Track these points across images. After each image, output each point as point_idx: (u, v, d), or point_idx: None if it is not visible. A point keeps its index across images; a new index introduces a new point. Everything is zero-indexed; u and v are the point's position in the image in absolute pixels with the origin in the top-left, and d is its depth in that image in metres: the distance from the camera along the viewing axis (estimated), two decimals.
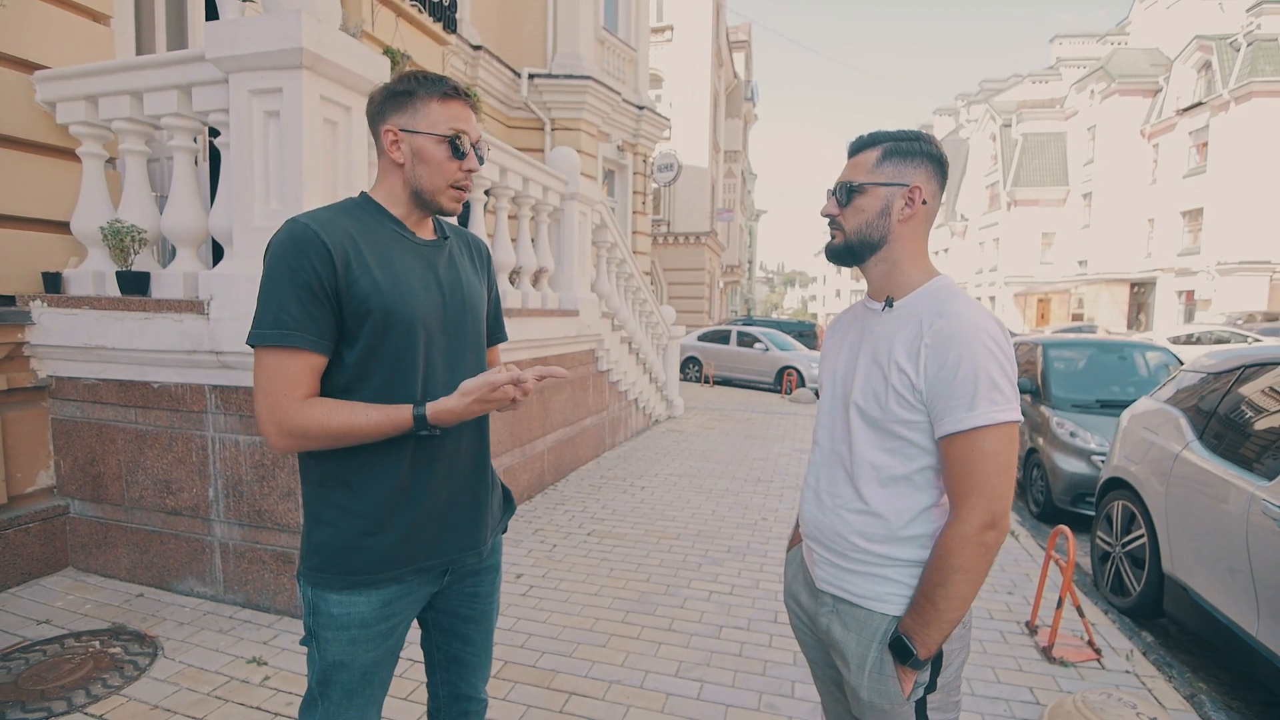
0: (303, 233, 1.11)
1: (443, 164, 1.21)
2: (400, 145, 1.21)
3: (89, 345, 3.08)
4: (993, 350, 1.09)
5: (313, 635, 1.22)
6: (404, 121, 1.20)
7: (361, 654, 1.22)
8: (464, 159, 1.22)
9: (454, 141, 1.20)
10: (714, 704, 2.44)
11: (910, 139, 1.20)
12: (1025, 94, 36.50)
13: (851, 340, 1.30)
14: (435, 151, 1.20)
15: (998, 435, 1.08)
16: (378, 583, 1.20)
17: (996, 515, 1.09)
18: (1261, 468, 2.69)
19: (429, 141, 1.19)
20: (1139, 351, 6.14)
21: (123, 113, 3.10)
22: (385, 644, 1.25)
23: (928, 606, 1.13)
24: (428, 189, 1.22)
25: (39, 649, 2.60)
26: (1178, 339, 15.45)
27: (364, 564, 1.19)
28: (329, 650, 1.21)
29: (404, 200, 1.25)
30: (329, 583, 1.19)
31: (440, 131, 1.19)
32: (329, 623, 1.20)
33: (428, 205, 1.25)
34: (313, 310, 1.10)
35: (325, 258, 1.10)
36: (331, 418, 1.10)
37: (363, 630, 1.21)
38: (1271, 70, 21.96)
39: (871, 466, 1.20)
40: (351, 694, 1.23)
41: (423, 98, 1.20)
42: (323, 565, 1.19)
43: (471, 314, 1.32)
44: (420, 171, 1.21)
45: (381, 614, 1.22)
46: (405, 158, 1.21)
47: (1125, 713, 2.10)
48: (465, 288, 1.32)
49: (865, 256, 1.24)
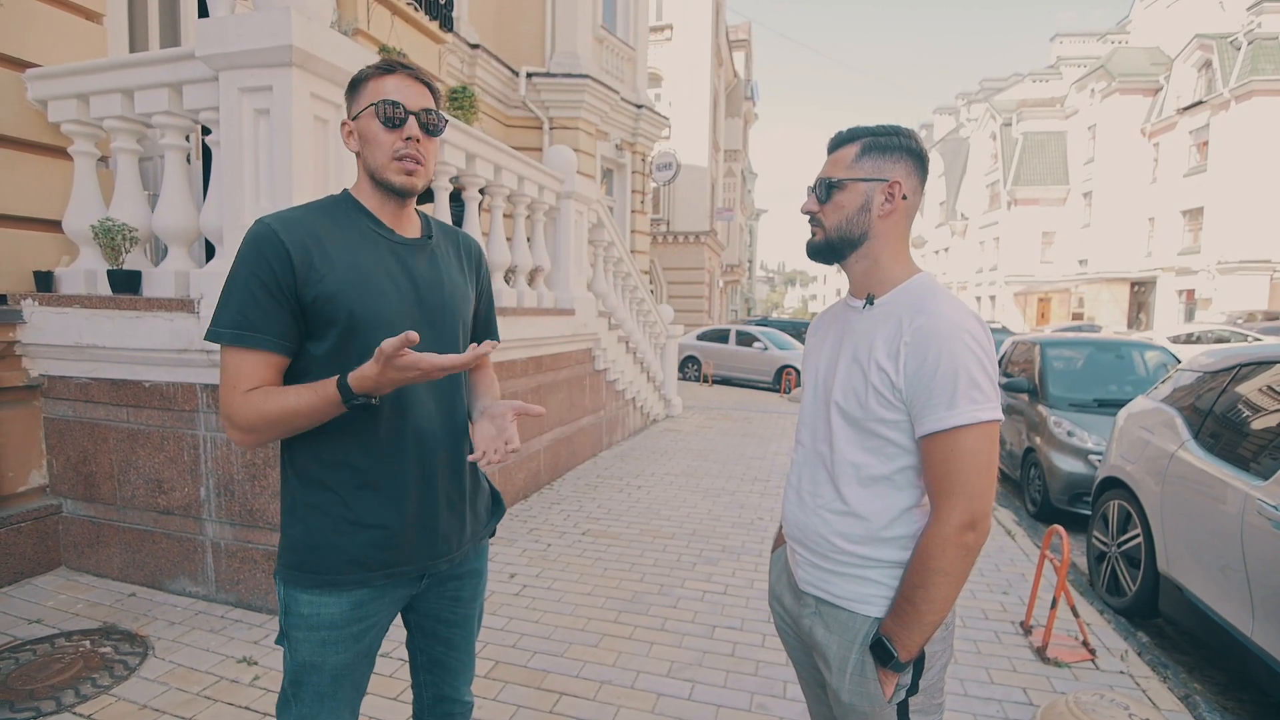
0: (264, 232, 1.11)
1: (378, 136, 1.17)
2: (353, 134, 1.20)
3: (80, 344, 3.08)
4: (972, 348, 1.07)
5: (284, 634, 1.21)
6: (353, 109, 1.20)
7: (332, 656, 1.20)
8: (399, 127, 1.17)
9: (381, 111, 1.16)
10: (705, 704, 2.43)
11: (889, 134, 1.18)
12: (1025, 93, 36.45)
13: (833, 339, 1.29)
14: (370, 126, 1.18)
15: (978, 434, 1.07)
16: (345, 584, 1.19)
17: (977, 516, 1.07)
18: (1257, 467, 2.67)
19: (365, 118, 1.18)
20: (1137, 351, 6.13)
21: (114, 111, 3.09)
22: (356, 647, 1.23)
23: (908, 608, 1.12)
24: (374, 168, 1.20)
25: (29, 648, 2.60)
26: (1178, 338, 15.42)
27: (334, 564, 1.18)
28: (299, 650, 1.20)
29: (370, 190, 1.23)
30: (299, 581, 1.18)
31: (370, 104, 1.17)
32: (299, 623, 1.19)
33: (382, 186, 1.21)
34: (269, 309, 1.10)
35: (283, 257, 1.10)
36: (266, 403, 1.09)
37: (333, 632, 1.19)
38: (1272, 69, 21.90)
39: (852, 466, 1.19)
40: (323, 697, 1.22)
41: (366, 81, 1.19)
42: (294, 563, 1.19)
43: (451, 314, 1.29)
44: (366, 152, 1.20)
45: (352, 616, 1.21)
46: (357, 144, 1.21)
47: (1118, 714, 2.09)
48: (447, 287, 1.29)
49: (846, 253, 1.23)
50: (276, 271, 1.10)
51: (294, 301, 1.12)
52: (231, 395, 1.10)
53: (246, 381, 1.10)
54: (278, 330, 1.11)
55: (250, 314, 1.09)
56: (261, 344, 1.10)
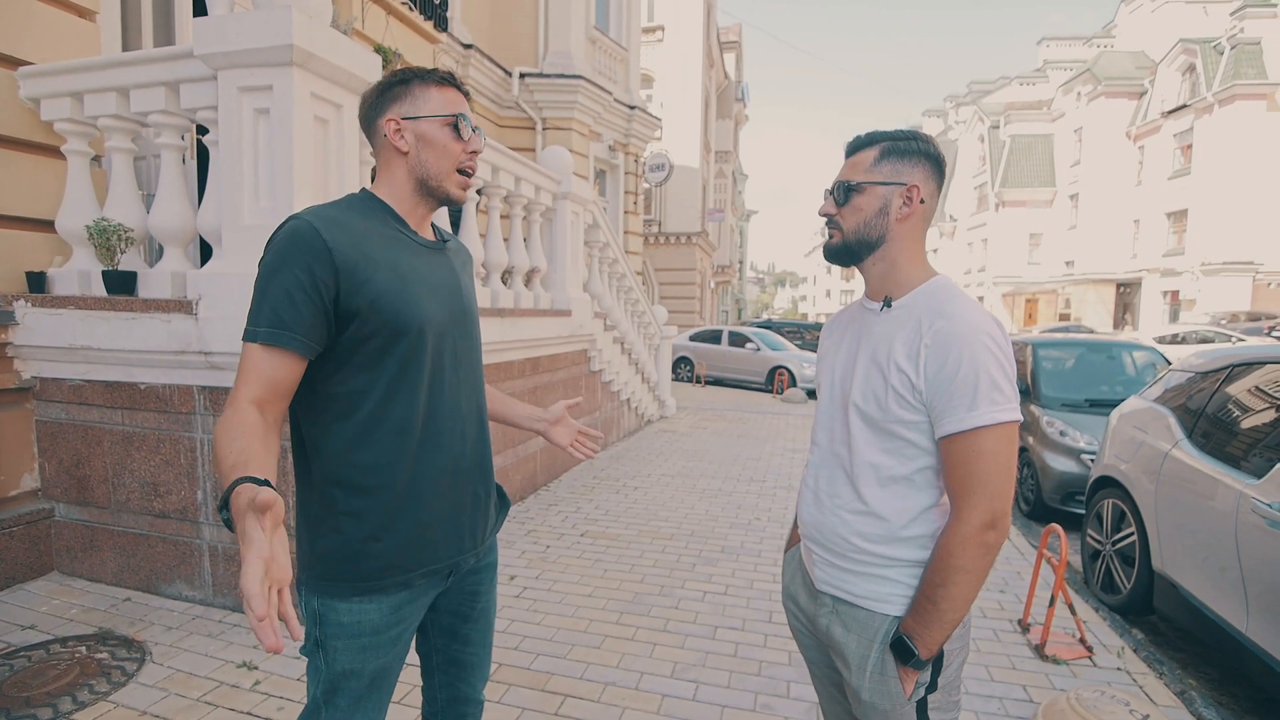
0: (305, 230, 1.08)
1: (448, 145, 1.21)
2: (404, 133, 1.20)
3: (74, 346, 3.04)
4: (993, 350, 1.08)
5: (319, 645, 1.18)
6: (404, 110, 1.20)
7: (372, 661, 1.20)
8: (467, 140, 1.22)
9: (456, 123, 1.20)
10: (710, 705, 2.43)
11: (908, 138, 1.19)
12: (1013, 96, 36.83)
13: (849, 340, 1.29)
14: (439, 134, 1.20)
15: (998, 435, 1.08)
16: (388, 588, 1.18)
17: (997, 515, 1.08)
18: (1250, 466, 2.71)
19: (432, 125, 1.19)
20: (1127, 351, 6.20)
21: (109, 110, 3.05)
22: (395, 649, 1.23)
23: (929, 607, 1.12)
24: (434, 174, 1.21)
25: (24, 655, 2.56)
26: (1163, 339, 15.64)
27: (374, 570, 1.17)
28: (338, 660, 1.18)
29: (409, 193, 1.23)
30: (338, 591, 1.16)
31: (443, 113, 1.20)
32: (338, 632, 1.17)
33: (433, 193, 1.23)
34: (302, 308, 1.07)
35: (325, 258, 1.08)
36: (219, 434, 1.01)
37: (374, 637, 1.19)
38: (1254, 73, 22.27)
39: (871, 467, 1.19)
40: (359, 700, 1.21)
41: (420, 85, 1.20)
42: (330, 574, 1.17)
43: (471, 319, 1.32)
44: (426, 156, 1.20)
45: (392, 619, 1.20)
46: (409, 145, 1.20)
47: (1119, 710, 2.11)
48: (464, 291, 1.32)
49: (863, 256, 1.24)
50: (316, 272, 1.07)
51: (330, 303, 1.09)
52: (236, 394, 1.05)
53: (252, 383, 1.06)
54: (306, 330, 1.08)
55: (284, 313, 1.06)
56: (289, 343, 1.07)
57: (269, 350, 1.07)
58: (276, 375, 1.08)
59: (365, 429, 1.15)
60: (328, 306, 1.09)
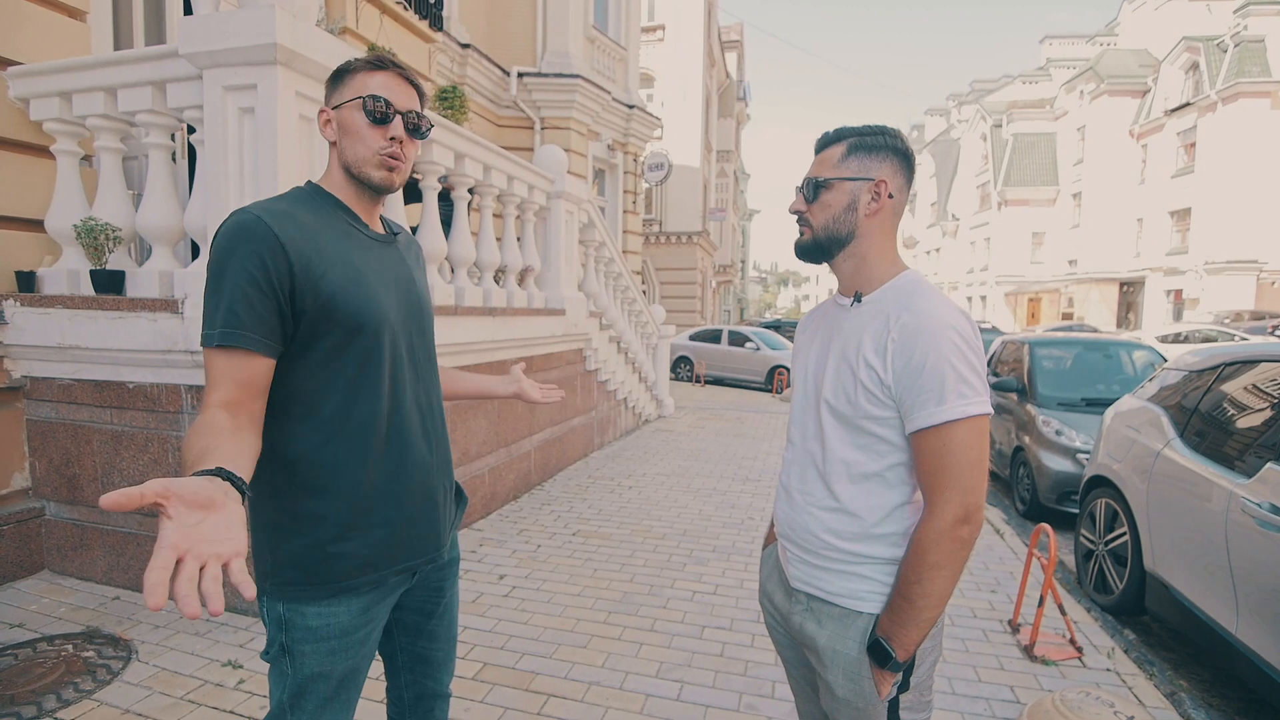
0: (252, 224, 1.05)
1: (362, 131, 1.15)
2: (331, 123, 1.18)
3: (63, 345, 3.04)
4: (958, 344, 1.08)
5: (285, 650, 1.16)
6: (334, 99, 1.18)
7: (340, 663, 1.18)
8: (386, 124, 1.15)
9: (368, 106, 1.14)
10: (694, 705, 2.42)
11: (874, 133, 1.19)
12: (1016, 94, 36.70)
13: (821, 337, 1.29)
14: (354, 119, 1.15)
15: (968, 428, 1.07)
16: (359, 588, 1.17)
17: (970, 509, 1.08)
18: (1241, 465, 2.69)
19: (349, 110, 1.15)
20: (1124, 350, 6.17)
21: (97, 109, 3.06)
22: (363, 650, 1.22)
23: (905, 606, 1.12)
24: (353, 160, 1.17)
25: (11, 653, 2.56)
26: (1166, 338, 15.57)
27: (344, 569, 1.15)
28: (306, 664, 1.16)
29: (343, 182, 1.21)
30: (307, 595, 1.14)
31: (358, 96, 1.15)
32: (306, 636, 1.15)
33: (359, 180, 1.19)
34: (258, 306, 1.04)
35: (278, 252, 1.04)
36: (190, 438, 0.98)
37: (343, 639, 1.17)
38: (1258, 71, 22.15)
39: (843, 463, 1.19)
40: (327, 702, 1.20)
41: (353, 73, 1.17)
42: (298, 579, 1.14)
43: (425, 312, 1.31)
44: (345, 144, 1.17)
45: (361, 620, 1.19)
46: (335, 134, 1.18)
47: (1103, 711, 2.10)
48: (417, 284, 1.31)
49: (834, 252, 1.23)
50: (269, 267, 1.03)
51: (285, 300, 1.06)
52: (205, 400, 1.03)
53: (219, 387, 1.03)
54: (265, 329, 1.05)
55: (240, 312, 1.03)
56: (249, 344, 1.03)
57: (228, 353, 1.03)
58: (242, 375, 1.04)
59: (327, 428, 1.13)
60: (283, 303, 1.06)
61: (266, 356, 1.07)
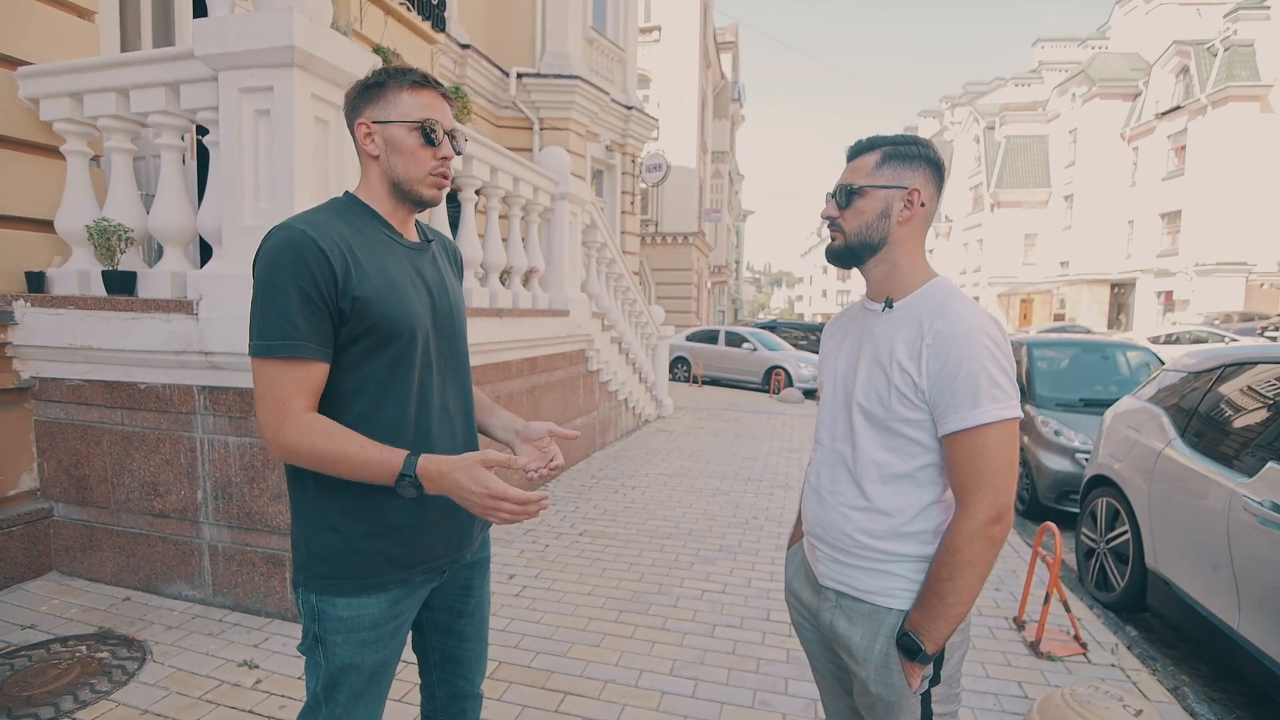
0: (299, 238, 1.09)
1: (416, 152, 1.19)
2: (374, 137, 1.20)
3: (74, 346, 3.04)
4: (992, 350, 1.11)
5: (319, 641, 1.20)
6: (376, 114, 1.19)
7: (371, 654, 1.22)
8: (438, 146, 1.21)
9: (425, 128, 1.18)
10: (709, 702, 2.45)
11: (909, 143, 1.22)
12: (1008, 97, 36.97)
13: (851, 341, 1.32)
14: (407, 140, 1.19)
15: (1001, 431, 1.11)
16: (387, 585, 1.20)
17: (1002, 509, 1.12)
18: (1242, 465, 2.74)
19: (401, 130, 1.18)
20: (1121, 351, 6.25)
21: (108, 110, 3.05)
22: (393, 642, 1.26)
23: (935, 601, 1.15)
24: (404, 179, 1.21)
25: (24, 654, 2.56)
26: (1157, 339, 15.73)
27: (374, 566, 1.19)
28: (337, 654, 1.20)
29: (385, 195, 1.24)
30: (339, 588, 1.18)
31: (411, 119, 1.18)
32: (338, 627, 1.19)
33: (407, 196, 1.23)
34: (313, 319, 1.09)
35: (324, 265, 1.09)
36: (328, 441, 1.08)
37: (373, 631, 1.21)
38: (1247, 75, 22.40)
39: (874, 464, 1.22)
40: (359, 694, 1.23)
41: (393, 88, 1.19)
42: (330, 572, 1.18)
43: (458, 317, 1.34)
44: (395, 161, 1.20)
45: (391, 613, 1.23)
46: (379, 149, 1.20)
47: (1112, 705, 2.14)
48: (450, 291, 1.33)
49: (865, 258, 1.26)
50: (318, 278, 1.08)
51: (333, 309, 1.11)
52: (282, 412, 1.08)
53: (296, 396, 1.08)
54: (322, 338, 1.10)
55: (297, 322, 1.07)
56: (310, 353, 1.09)
57: (292, 363, 1.09)
58: (309, 383, 1.11)
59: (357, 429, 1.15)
60: (331, 312, 1.11)
61: (325, 363, 1.12)
